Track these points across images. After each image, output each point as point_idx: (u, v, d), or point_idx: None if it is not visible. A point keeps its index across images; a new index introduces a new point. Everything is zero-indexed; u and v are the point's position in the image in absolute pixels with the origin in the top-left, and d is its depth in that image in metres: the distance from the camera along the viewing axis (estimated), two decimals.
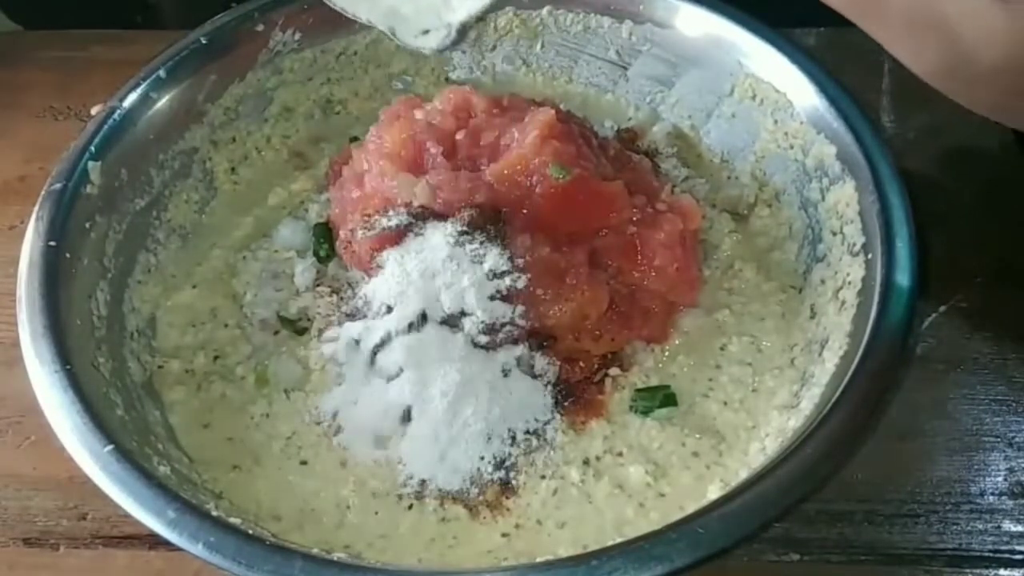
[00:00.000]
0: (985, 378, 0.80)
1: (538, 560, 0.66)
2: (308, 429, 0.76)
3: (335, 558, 0.63)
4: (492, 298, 0.74)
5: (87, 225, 0.79)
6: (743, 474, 0.69)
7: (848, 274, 0.75)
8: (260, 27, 0.92)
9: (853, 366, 0.67)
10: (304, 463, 0.74)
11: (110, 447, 0.64)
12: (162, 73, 0.87)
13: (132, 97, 0.85)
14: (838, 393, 0.65)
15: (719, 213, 0.88)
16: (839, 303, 0.75)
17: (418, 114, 0.82)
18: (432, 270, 0.74)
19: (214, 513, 0.63)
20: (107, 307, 0.78)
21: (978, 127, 0.95)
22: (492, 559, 0.69)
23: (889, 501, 0.73)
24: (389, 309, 0.75)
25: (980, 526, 0.72)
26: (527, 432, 0.74)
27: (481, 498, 0.72)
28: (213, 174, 0.92)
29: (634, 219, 0.78)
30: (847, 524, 0.72)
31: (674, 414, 0.75)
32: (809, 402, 0.69)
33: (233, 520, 0.63)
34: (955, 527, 0.72)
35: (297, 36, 0.93)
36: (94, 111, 0.85)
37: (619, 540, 0.62)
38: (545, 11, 0.96)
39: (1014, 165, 0.93)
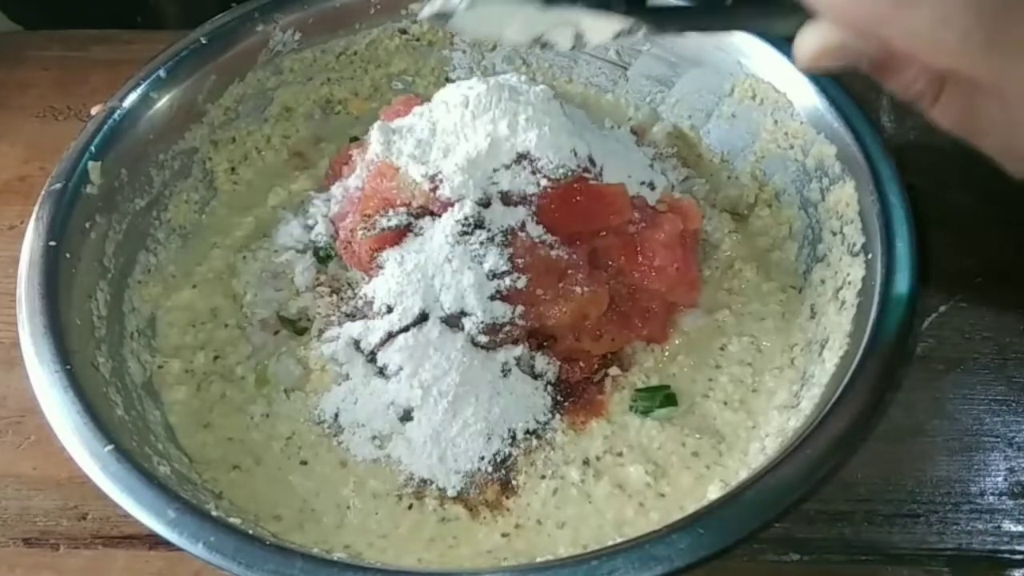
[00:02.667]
0: (985, 378, 0.80)
1: (538, 560, 0.67)
2: (308, 429, 0.76)
3: (335, 558, 0.63)
4: (492, 298, 0.74)
5: (87, 225, 0.79)
6: (743, 474, 0.69)
7: (848, 274, 0.75)
8: (260, 27, 0.92)
9: (853, 366, 0.67)
10: (304, 463, 0.74)
11: (110, 447, 0.64)
12: (162, 73, 0.87)
13: (132, 97, 0.85)
14: (838, 393, 0.65)
15: (719, 213, 0.88)
16: (839, 303, 0.75)
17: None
18: (432, 270, 0.74)
19: (214, 513, 0.63)
20: (107, 307, 0.78)
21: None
22: (492, 559, 0.69)
23: (889, 501, 0.73)
24: (389, 309, 0.75)
25: (980, 526, 0.72)
26: (527, 432, 0.74)
27: (481, 498, 0.72)
28: (213, 174, 0.92)
29: (634, 219, 0.78)
30: (847, 524, 0.72)
31: (674, 414, 0.75)
32: (809, 402, 0.69)
33: (233, 520, 0.63)
34: (955, 527, 0.72)
35: (297, 36, 0.94)
36: (94, 111, 0.85)
37: (619, 540, 0.62)
38: None
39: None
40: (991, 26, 0.44)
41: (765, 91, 0.87)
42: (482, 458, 0.73)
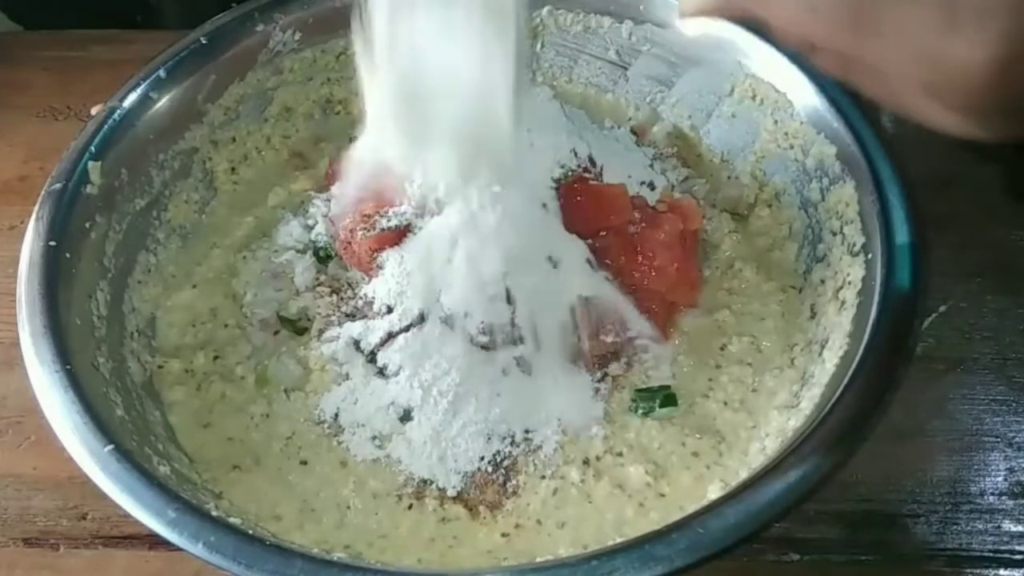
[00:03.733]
0: (985, 378, 0.80)
1: (538, 560, 0.67)
2: (308, 429, 0.76)
3: (335, 558, 0.63)
4: (492, 298, 0.74)
5: (87, 225, 0.79)
6: (743, 474, 0.69)
7: (848, 274, 0.75)
8: (260, 27, 0.92)
9: (853, 366, 0.67)
10: (304, 463, 0.74)
11: (110, 447, 0.64)
12: (162, 73, 0.87)
13: (132, 97, 0.85)
14: (838, 393, 0.65)
15: (719, 213, 0.88)
16: (839, 303, 0.75)
17: None
18: (432, 270, 0.74)
19: (214, 513, 0.63)
20: (107, 307, 0.78)
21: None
22: (492, 559, 0.69)
23: (889, 501, 0.73)
24: (389, 309, 0.75)
25: (980, 526, 0.72)
26: (527, 432, 0.74)
27: (481, 498, 0.72)
28: (213, 174, 0.92)
29: (633, 219, 0.78)
30: (847, 524, 0.72)
31: (674, 414, 0.75)
32: (809, 402, 0.69)
33: (233, 520, 0.63)
34: (955, 527, 0.72)
35: (297, 36, 0.93)
36: (94, 111, 0.85)
37: (619, 540, 0.62)
38: (545, 11, 0.96)
39: (1014, 165, 0.93)
40: (857, 11, 0.46)
41: (765, 91, 0.87)
42: (482, 458, 0.73)
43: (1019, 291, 0.85)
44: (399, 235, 0.76)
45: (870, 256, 0.73)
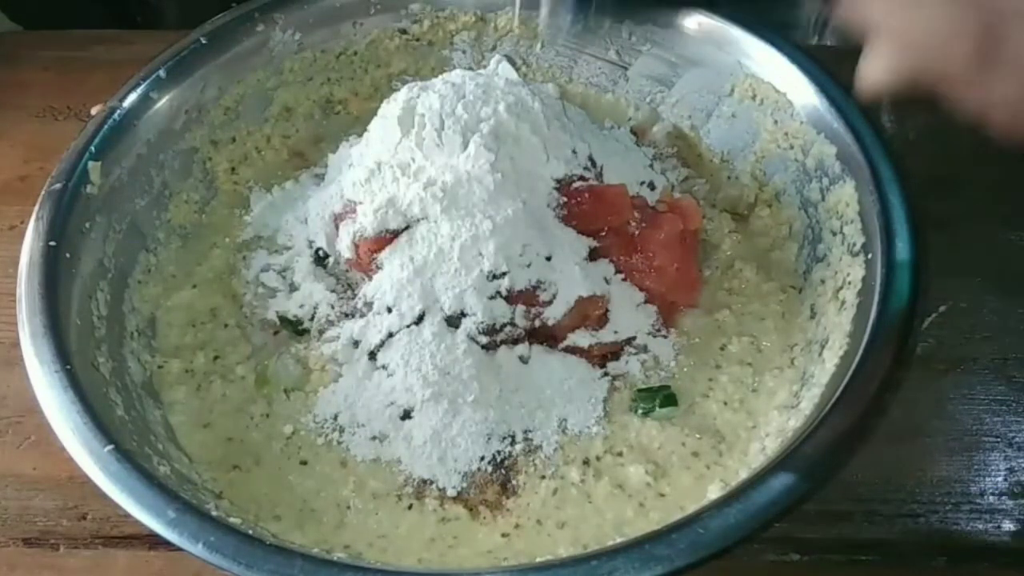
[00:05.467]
0: (985, 378, 0.80)
1: (538, 560, 0.67)
2: (308, 429, 0.76)
3: (335, 558, 0.63)
4: (492, 298, 0.74)
5: (87, 225, 0.79)
6: (743, 474, 0.69)
7: (848, 274, 0.75)
8: (260, 27, 0.92)
9: (853, 366, 0.67)
10: (304, 463, 0.74)
11: (110, 447, 0.64)
12: (162, 73, 0.87)
13: (132, 97, 0.85)
14: (838, 393, 0.65)
15: (719, 213, 0.88)
16: (839, 303, 0.75)
17: None
18: (432, 270, 0.74)
19: (214, 513, 0.63)
20: (107, 307, 0.78)
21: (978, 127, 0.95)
22: (492, 559, 0.69)
23: (889, 501, 0.73)
24: (389, 309, 0.75)
25: (980, 526, 0.72)
26: (527, 432, 0.74)
27: (481, 498, 0.72)
28: (213, 174, 0.92)
29: (633, 220, 0.78)
30: (847, 524, 0.72)
31: (674, 414, 0.75)
32: (809, 402, 0.69)
33: (233, 520, 0.63)
34: (955, 527, 0.72)
35: (297, 36, 0.94)
36: (94, 111, 0.85)
37: (619, 540, 0.62)
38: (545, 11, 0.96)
39: (1014, 165, 0.93)
40: None
41: (765, 91, 0.87)
42: (482, 458, 0.73)
43: (1019, 291, 0.85)
44: (399, 235, 0.76)
45: (870, 256, 0.73)
